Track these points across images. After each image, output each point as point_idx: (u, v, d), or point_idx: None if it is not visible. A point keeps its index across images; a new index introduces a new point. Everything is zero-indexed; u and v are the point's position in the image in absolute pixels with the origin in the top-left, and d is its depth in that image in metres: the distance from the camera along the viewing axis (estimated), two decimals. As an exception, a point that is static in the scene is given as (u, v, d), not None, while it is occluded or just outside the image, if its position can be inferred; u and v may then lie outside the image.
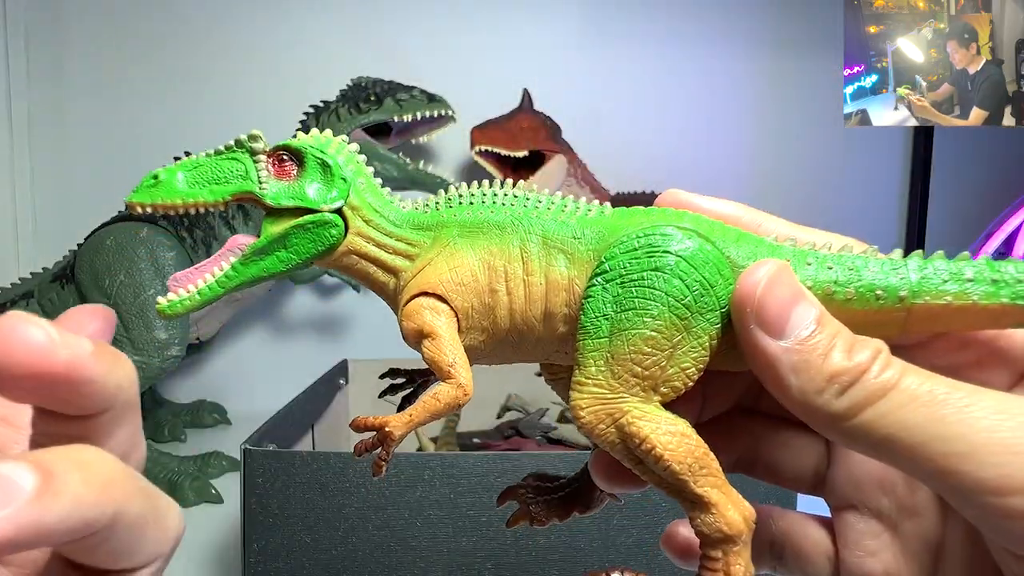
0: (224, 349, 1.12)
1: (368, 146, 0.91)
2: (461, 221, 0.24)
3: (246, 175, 0.23)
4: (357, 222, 0.24)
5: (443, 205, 0.25)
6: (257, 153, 0.23)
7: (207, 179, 0.23)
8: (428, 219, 0.25)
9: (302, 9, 1.08)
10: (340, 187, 0.24)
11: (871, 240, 0.24)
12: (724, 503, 0.21)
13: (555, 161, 0.96)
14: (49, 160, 1.05)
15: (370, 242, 0.24)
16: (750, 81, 1.20)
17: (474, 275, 0.23)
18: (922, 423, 0.17)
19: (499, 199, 0.24)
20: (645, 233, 0.22)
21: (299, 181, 0.24)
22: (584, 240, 0.23)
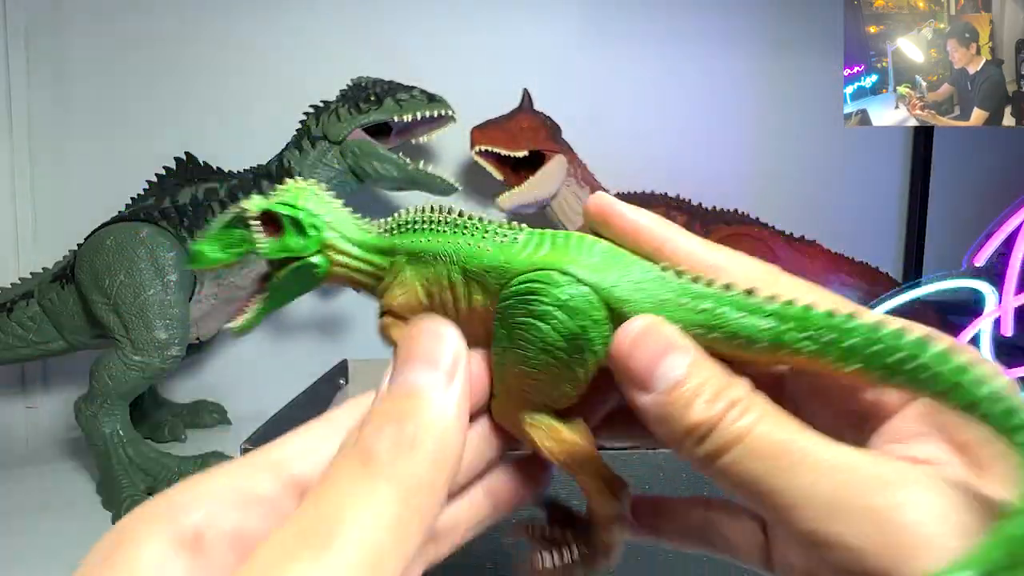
0: (224, 349, 1.12)
1: (368, 146, 0.91)
2: (407, 248, 0.27)
3: (247, 238, 0.28)
4: (334, 255, 0.28)
5: (393, 231, 0.28)
6: (250, 221, 0.28)
7: (226, 246, 0.29)
8: (384, 244, 0.28)
9: (302, 9, 1.08)
10: (312, 236, 0.28)
11: (871, 240, 0.24)
12: (595, 485, 0.25)
13: (555, 161, 0.96)
14: (49, 160, 1.05)
15: (347, 268, 0.29)
16: (750, 81, 1.20)
17: (419, 300, 0.27)
18: (763, 474, 0.18)
19: (435, 225, 0.27)
20: (530, 279, 0.24)
21: (283, 237, 0.28)
22: (492, 274, 0.25)
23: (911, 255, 1.22)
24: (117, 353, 0.83)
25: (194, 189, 0.91)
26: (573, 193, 0.98)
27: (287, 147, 0.94)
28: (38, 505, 0.80)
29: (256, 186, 0.92)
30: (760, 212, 1.09)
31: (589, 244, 0.25)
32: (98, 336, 0.91)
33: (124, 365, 0.82)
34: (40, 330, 0.90)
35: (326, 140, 0.92)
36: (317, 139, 0.92)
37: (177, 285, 0.85)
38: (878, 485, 0.16)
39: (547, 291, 0.23)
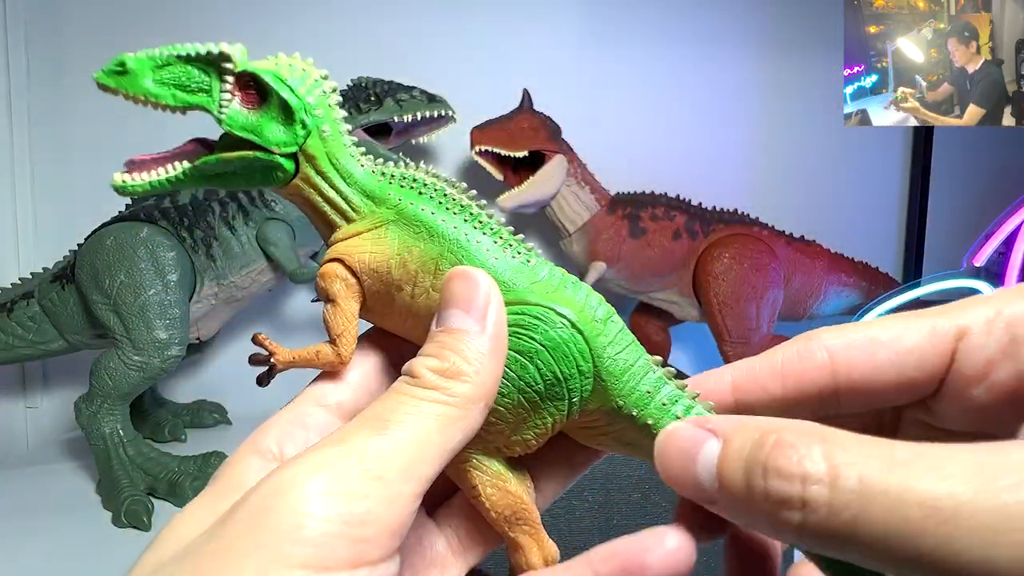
0: (224, 349, 1.12)
1: (368, 146, 0.91)
2: (402, 207, 0.25)
3: (210, 91, 0.23)
4: (308, 169, 0.24)
5: (396, 181, 0.25)
6: (225, 73, 0.23)
7: (172, 81, 0.23)
8: (377, 189, 0.25)
9: (302, 9, 1.08)
10: (298, 133, 0.23)
11: (871, 240, 0.24)
12: (530, 546, 0.24)
13: (555, 161, 0.96)
14: (49, 160, 1.05)
15: (315, 191, 0.25)
16: (750, 81, 1.20)
17: (389, 267, 0.24)
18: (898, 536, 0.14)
19: (446, 202, 0.25)
20: (526, 311, 0.23)
21: (259, 115, 0.23)
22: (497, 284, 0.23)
23: (911, 255, 1.22)
24: (117, 353, 0.83)
25: (194, 189, 0.91)
26: (573, 193, 0.98)
27: (287, 147, 0.94)
28: (38, 505, 0.80)
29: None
30: (760, 212, 1.09)
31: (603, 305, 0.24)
32: (98, 336, 0.91)
33: (124, 365, 0.82)
34: (40, 330, 0.90)
35: (326, 140, 0.92)
36: (317, 139, 0.92)
37: (177, 285, 0.85)
38: None
39: (541, 327, 0.22)
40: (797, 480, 0.14)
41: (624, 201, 1.02)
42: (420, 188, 0.25)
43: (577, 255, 1.02)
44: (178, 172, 0.24)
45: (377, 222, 0.25)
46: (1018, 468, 0.12)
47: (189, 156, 0.24)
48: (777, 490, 0.14)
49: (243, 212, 0.90)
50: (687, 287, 1.02)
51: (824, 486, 0.14)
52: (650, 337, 1.13)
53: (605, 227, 0.99)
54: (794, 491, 0.14)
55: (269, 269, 0.93)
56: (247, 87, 0.23)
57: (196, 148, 0.24)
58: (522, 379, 0.22)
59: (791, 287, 1.03)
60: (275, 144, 0.23)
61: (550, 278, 0.24)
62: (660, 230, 1.00)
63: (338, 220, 0.25)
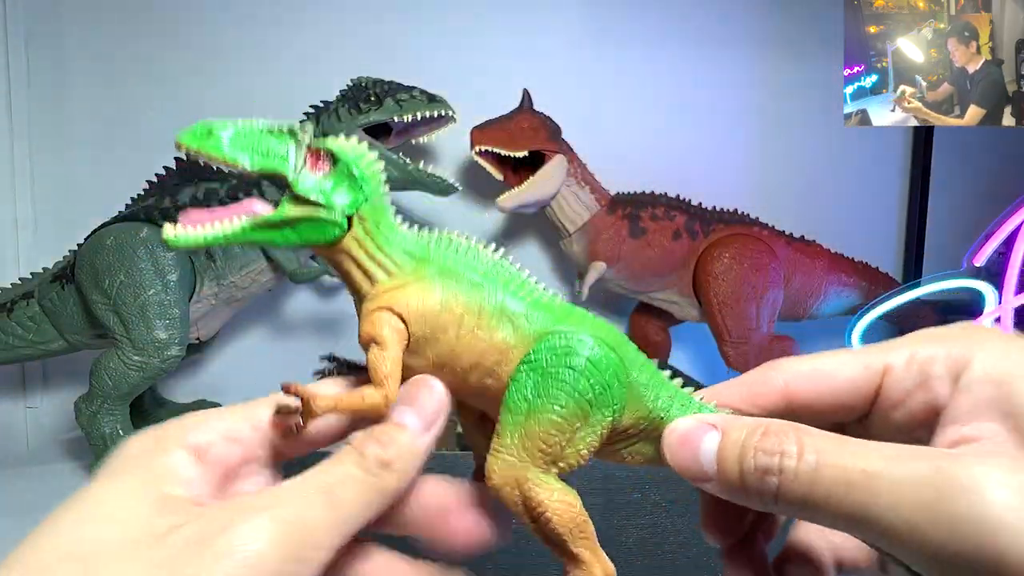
0: (224, 349, 1.12)
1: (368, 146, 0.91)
2: (443, 263, 0.28)
3: (285, 157, 0.27)
4: (359, 230, 0.27)
5: (435, 243, 0.28)
6: (301, 143, 0.27)
7: (251, 147, 0.27)
8: (418, 250, 0.28)
9: (302, 9, 1.08)
10: (357, 197, 0.27)
11: (871, 240, 0.25)
12: (592, 561, 0.26)
13: (555, 161, 0.96)
14: (49, 160, 1.05)
15: (362, 250, 0.27)
16: (750, 81, 1.20)
17: (435, 311, 0.27)
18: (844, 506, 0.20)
19: (481, 258, 0.28)
20: (568, 335, 0.26)
21: (327, 179, 0.27)
22: (532, 321, 0.27)
23: (911, 255, 1.23)
24: (117, 353, 0.83)
25: (194, 189, 0.91)
26: (573, 193, 0.98)
27: (287, 147, 0.94)
28: (38, 505, 0.80)
29: (256, 186, 0.92)
30: (760, 212, 1.09)
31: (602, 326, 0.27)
32: (98, 336, 0.91)
33: (124, 365, 0.82)
34: (40, 330, 0.90)
35: (326, 140, 0.92)
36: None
37: (177, 285, 0.85)
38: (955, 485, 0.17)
39: (583, 348, 0.26)
40: (777, 455, 0.20)
41: (624, 201, 1.02)
42: (454, 248, 0.28)
43: (577, 255, 1.02)
44: (236, 228, 0.27)
45: (420, 276, 0.27)
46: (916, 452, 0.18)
47: (248, 214, 0.27)
48: (762, 463, 0.20)
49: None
50: (687, 287, 1.02)
51: (793, 459, 0.19)
52: (650, 337, 1.13)
53: (605, 227, 0.99)
54: (774, 462, 0.20)
55: (269, 269, 0.93)
56: (318, 157, 0.27)
57: (252, 209, 0.27)
58: (576, 389, 0.25)
59: (791, 287, 1.03)
60: (338, 203, 0.27)
61: (578, 312, 0.28)
62: (660, 230, 1.00)
63: (380, 275, 0.28)
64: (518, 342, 0.27)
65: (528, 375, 0.26)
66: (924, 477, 0.17)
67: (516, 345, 0.27)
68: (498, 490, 0.26)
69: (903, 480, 0.17)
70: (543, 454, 0.25)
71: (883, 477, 0.18)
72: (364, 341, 0.27)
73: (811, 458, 0.19)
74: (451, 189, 0.95)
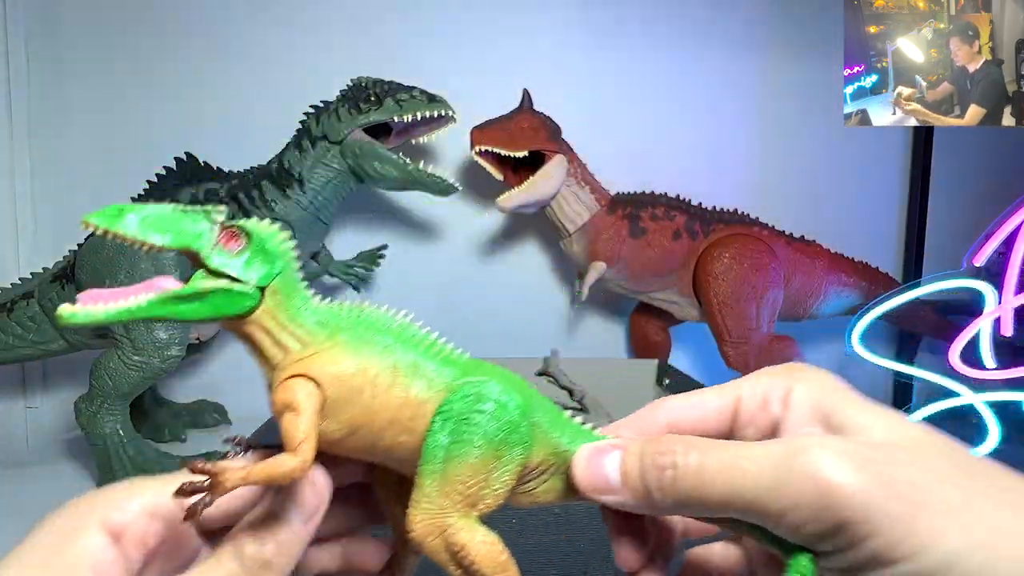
0: (224, 349, 1.12)
1: (368, 146, 0.91)
2: (355, 330, 0.29)
3: (199, 235, 0.27)
4: (272, 302, 0.28)
5: (346, 312, 0.30)
6: (215, 222, 0.27)
7: (165, 227, 0.27)
8: (330, 319, 0.29)
9: (302, 9, 1.09)
10: (271, 270, 0.28)
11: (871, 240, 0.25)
12: None
13: (555, 161, 0.96)
14: (49, 159, 1.05)
15: (275, 320, 0.28)
16: (750, 81, 1.20)
17: (350, 373, 0.28)
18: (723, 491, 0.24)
19: (391, 322, 0.30)
20: (476, 384, 0.28)
21: (240, 256, 0.28)
22: (443, 375, 0.29)
23: (911, 255, 1.22)
24: (117, 353, 0.83)
25: (194, 189, 0.91)
26: (573, 193, 0.98)
27: (287, 147, 0.94)
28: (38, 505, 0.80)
29: (256, 186, 0.92)
30: (760, 212, 1.09)
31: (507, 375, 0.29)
32: (98, 336, 0.91)
33: (124, 365, 0.82)
34: (40, 330, 0.90)
35: (326, 140, 0.92)
36: (317, 139, 0.92)
37: (177, 285, 0.85)
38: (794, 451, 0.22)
39: (491, 393, 0.28)
40: (669, 455, 0.24)
41: (624, 201, 1.02)
42: (367, 314, 0.30)
43: (577, 255, 1.02)
44: (142, 303, 0.26)
45: (334, 343, 0.28)
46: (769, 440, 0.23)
47: (154, 290, 0.27)
48: (658, 462, 0.24)
49: (243, 212, 0.90)
50: (687, 287, 1.02)
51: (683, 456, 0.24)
52: (650, 337, 1.13)
53: (605, 227, 0.99)
54: (667, 460, 0.24)
55: (269, 269, 0.93)
56: (232, 235, 0.28)
57: (158, 286, 0.27)
58: (488, 432, 0.27)
59: (791, 287, 1.03)
60: (251, 277, 0.27)
61: (485, 365, 0.30)
62: (660, 230, 1.00)
63: (294, 344, 0.28)
64: (431, 396, 0.28)
65: (443, 424, 0.27)
66: (776, 452, 0.22)
67: (430, 399, 0.28)
68: (421, 541, 0.27)
69: (762, 456, 0.22)
70: (462, 497, 0.27)
71: (748, 457, 0.22)
72: (278, 409, 0.27)
73: (695, 454, 0.24)
74: (451, 189, 0.95)
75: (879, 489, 0.20)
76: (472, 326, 1.16)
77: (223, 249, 0.27)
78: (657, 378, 0.98)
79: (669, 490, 0.24)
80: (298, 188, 0.91)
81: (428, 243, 1.15)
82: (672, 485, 0.24)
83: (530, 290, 1.18)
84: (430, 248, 1.15)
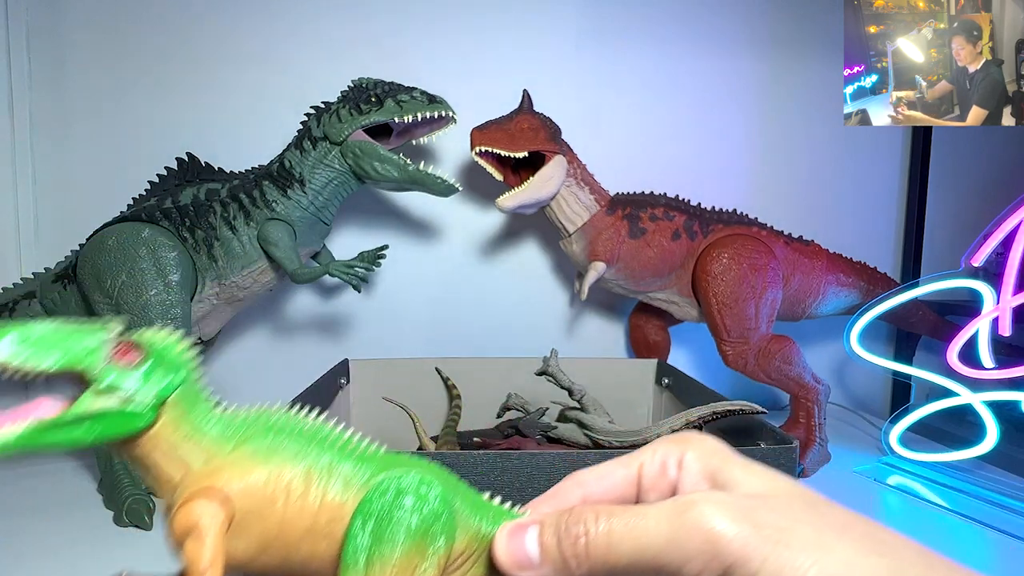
0: (225, 349, 1.12)
1: (369, 147, 0.91)
2: (265, 438, 0.28)
3: (91, 352, 0.25)
4: (172, 415, 0.26)
5: (252, 420, 0.28)
6: (108, 338, 0.25)
7: (50, 346, 0.24)
8: (235, 428, 0.28)
9: (303, 11, 1.09)
10: (171, 383, 0.26)
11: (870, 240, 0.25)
12: None
13: (555, 162, 0.96)
14: (51, 160, 1.06)
15: (175, 435, 0.27)
16: (750, 81, 1.21)
17: (261, 484, 0.27)
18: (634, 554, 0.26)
19: (302, 425, 0.29)
20: (394, 478, 0.27)
21: (134, 371, 0.26)
22: (360, 474, 0.28)
23: (909, 255, 1.23)
24: (119, 353, 0.83)
25: (196, 189, 0.92)
26: (573, 194, 0.99)
27: (288, 148, 0.95)
28: (38, 505, 0.80)
29: (257, 186, 0.92)
30: (759, 212, 1.09)
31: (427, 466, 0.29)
32: (100, 336, 0.91)
33: (126, 365, 0.82)
34: (42, 330, 0.91)
35: (327, 141, 0.92)
36: (318, 140, 0.92)
37: (179, 285, 0.85)
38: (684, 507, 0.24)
39: (411, 487, 0.27)
40: (582, 523, 0.26)
41: (624, 201, 1.02)
42: (275, 419, 0.28)
43: (577, 255, 1.02)
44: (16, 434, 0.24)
45: (242, 454, 0.27)
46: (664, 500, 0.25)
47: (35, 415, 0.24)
48: (572, 531, 0.26)
49: (244, 212, 0.90)
50: (686, 287, 1.02)
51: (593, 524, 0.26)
52: (650, 337, 1.13)
53: (605, 227, 0.99)
54: (580, 529, 0.26)
55: (270, 269, 0.93)
56: (126, 350, 0.26)
57: (40, 408, 0.25)
58: (411, 527, 0.27)
59: (790, 287, 1.03)
60: (145, 394, 0.26)
61: (401, 458, 0.29)
62: (659, 230, 1.00)
63: (196, 460, 0.27)
64: (350, 496, 0.27)
65: (363, 524, 0.26)
66: (669, 508, 0.24)
67: (347, 500, 0.27)
68: None
69: (658, 514, 0.24)
70: None
71: (647, 516, 0.25)
72: (178, 535, 0.25)
73: (603, 520, 0.26)
74: (452, 189, 0.95)
75: (753, 534, 0.22)
76: (472, 326, 1.16)
77: (118, 364, 0.25)
78: (656, 378, 0.98)
79: (583, 557, 0.25)
80: (299, 188, 0.92)
81: (428, 243, 1.15)
82: (585, 551, 0.25)
83: (530, 290, 1.18)
84: (430, 248, 1.15)
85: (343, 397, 0.89)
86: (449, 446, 0.81)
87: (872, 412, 1.23)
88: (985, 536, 0.75)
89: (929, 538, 0.73)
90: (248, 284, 0.93)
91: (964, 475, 0.91)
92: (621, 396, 0.97)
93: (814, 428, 0.94)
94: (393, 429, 0.90)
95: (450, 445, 0.82)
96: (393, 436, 0.92)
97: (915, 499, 0.84)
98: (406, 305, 1.14)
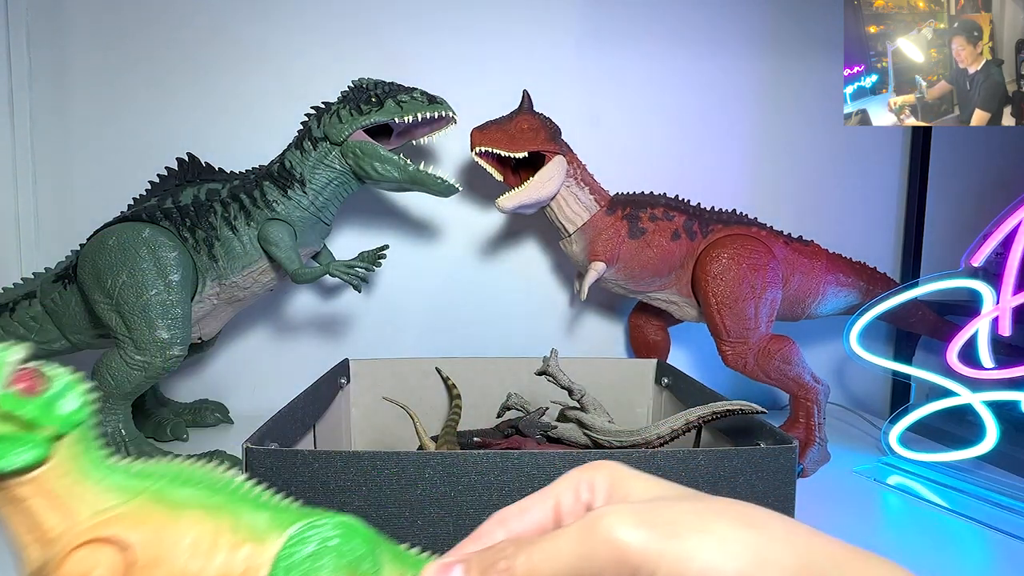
0: (226, 348, 1.12)
1: (369, 147, 0.91)
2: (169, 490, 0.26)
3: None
4: (62, 458, 0.24)
5: (154, 473, 0.27)
6: (9, 361, 0.24)
7: None
8: (137, 480, 0.26)
9: (304, 11, 1.09)
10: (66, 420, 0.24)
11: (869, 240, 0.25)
12: None
13: (555, 162, 0.96)
14: (51, 160, 1.06)
15: (66, 478, 0.24)
16: (750, 81, 1.21)
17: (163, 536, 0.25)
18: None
19: (209, 477, 0.28)
20: (311, 525, 0.27)
21: (34, 400, 0.24)
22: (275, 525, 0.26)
23: (909, 255, 1.23)
24: (119, 353, 0.83)
25: (196, 190, 0.92)
26: (572, 194, 0.99)
27: (289, 148, 0.95)
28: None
29: (258, 187, 0.92)
30: (759, 212, 1.09)
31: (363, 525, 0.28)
32: (100, 336, 0.91)
33: (126, 364, 0.82)
34: (42, 330, 0.91)
35: (327, 141, 0.92)
36: (318, 140, 0.93)
37: (179, 285, 0.85)
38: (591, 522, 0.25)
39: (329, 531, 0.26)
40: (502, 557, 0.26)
41: (623, 201, 1.02)
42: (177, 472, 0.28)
43: (577, 255, 1.02)
44: None
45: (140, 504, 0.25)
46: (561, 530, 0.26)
47: None
48: (495, 567, 0.26)
49: (245, 212, 0.90)
50: (686, 287, 1.02)
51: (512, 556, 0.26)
52: (649, 337, 1.13)
53: (604, 227, 0.99)
54: (503, 565, 0.26)
55: (271, 269, 0.93)
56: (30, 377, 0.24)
57: None
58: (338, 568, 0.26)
59: (790, 287, 1.03)
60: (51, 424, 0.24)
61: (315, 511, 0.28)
62: (659, 230, 1.00)
63: (83, 509, 0.25)
64: (264, 550, 0.26)
65: (287, 572, 0.25)
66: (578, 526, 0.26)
67: (262, 553, 0.26)
68: None
69: (569, 534, 0.26)
70: None
71: (561, 538, 0.26)
72: None
73: (524, 550, 0.27)
74: (452, 189, 0.95)
75: (649, 533, 0.24)
76: (472, 326, 1.17)
77: (17, 390, 0.24)
78: (656, 378, 0.98)
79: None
80: (299, 188, 0.92)
81: (428, 243, 1.15)
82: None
83: (530, 290, 1.18)
84: (430, 248, 1.15)
85: (343, 397, 0.89)
86: (449, 446, 0.81)
87: (872, 412, 1.23)
88: (985, 536, 0.75)
89: (929, 538, 0.73)
90: (248, 284, 0.93)
91: (964, 475, 0.92)
92: (621, 396, 0.97)
93: (814, 428, 0.94)
94: (393, 429, 0.90)
95: (450, 445, 0.82)
96: (393, 436, 0.92)
97: (915, 499, 0.84)
98: (406, 305, 1.14)
